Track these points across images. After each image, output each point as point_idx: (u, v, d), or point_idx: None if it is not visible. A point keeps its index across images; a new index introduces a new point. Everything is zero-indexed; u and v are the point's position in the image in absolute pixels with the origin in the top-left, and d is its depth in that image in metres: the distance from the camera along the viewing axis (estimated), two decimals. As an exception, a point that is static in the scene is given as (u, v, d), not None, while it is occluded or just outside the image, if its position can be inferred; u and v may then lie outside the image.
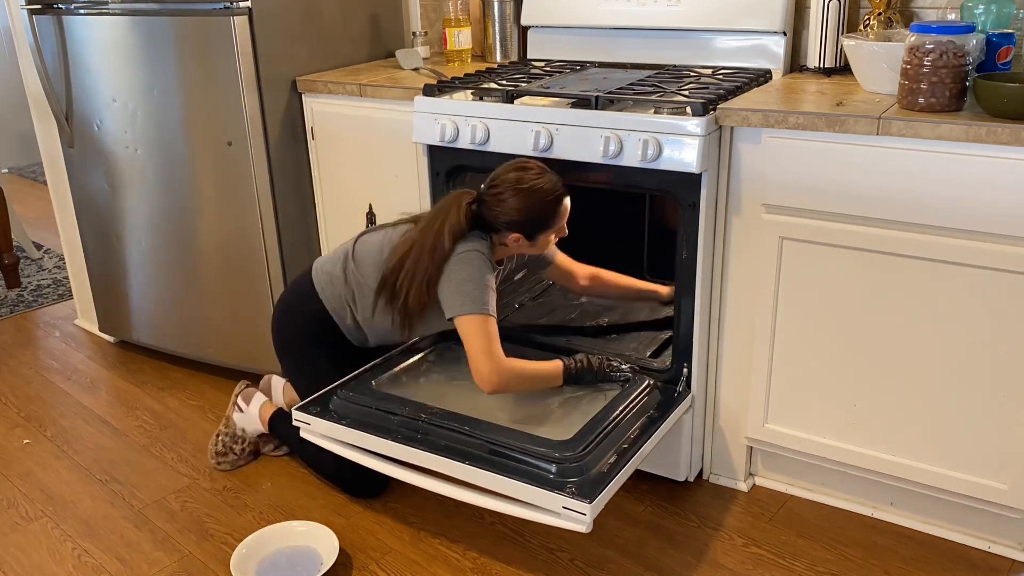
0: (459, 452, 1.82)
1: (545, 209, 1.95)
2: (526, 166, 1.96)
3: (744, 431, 2.12)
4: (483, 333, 1.90)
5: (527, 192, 1.92)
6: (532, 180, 1.93)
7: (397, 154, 2.37)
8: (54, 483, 2.32)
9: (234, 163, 2.47)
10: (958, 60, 1.71)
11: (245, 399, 2.35)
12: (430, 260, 1.95)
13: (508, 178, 1.94)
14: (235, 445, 2.33)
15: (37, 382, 2.86)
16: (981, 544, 1.95)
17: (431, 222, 1.98)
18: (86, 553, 2.05)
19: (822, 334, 1.93)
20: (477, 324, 1.91)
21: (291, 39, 2.48)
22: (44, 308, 3.46)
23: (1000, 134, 1.62)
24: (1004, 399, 1.78)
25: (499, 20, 2.64)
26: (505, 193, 1.93)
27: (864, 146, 1.77)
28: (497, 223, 1.96)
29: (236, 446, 2.33)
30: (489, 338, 1.90)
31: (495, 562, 1.96)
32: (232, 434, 2.33)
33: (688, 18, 2.31)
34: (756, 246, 1.96)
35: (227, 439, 2.33)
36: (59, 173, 2.95)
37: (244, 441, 2.33)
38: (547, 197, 1.94)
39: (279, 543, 1.99)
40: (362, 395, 2.02)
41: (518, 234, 1.97)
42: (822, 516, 2.08)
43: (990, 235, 1.70)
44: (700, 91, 2.00)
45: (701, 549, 1.99)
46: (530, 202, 1.93)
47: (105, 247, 2.87)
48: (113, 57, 2.56)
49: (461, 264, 1.94)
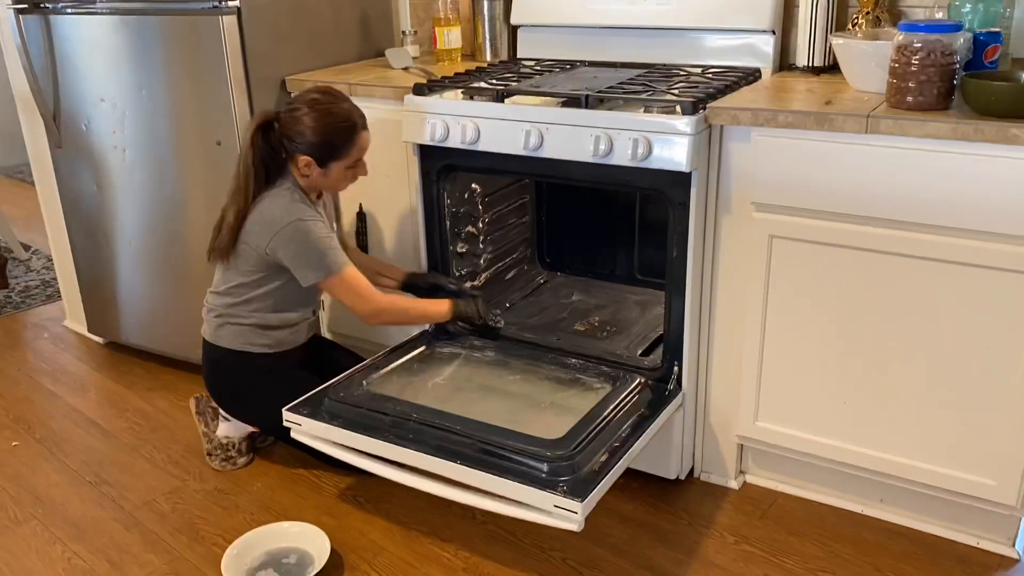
0: (450, 452, 1.82)
1: (339, 133, 1.99)
2: (329, 91, 2.02)
3: (735, 429, 2.12)
4: (344, 286, 2.02)
5: (322, 112, 1.97)
6: (329, 102, 1.99)
7: (387, 154, 2.36)
8: (43, 485, 2.30)
9: (223, 163, 2.46)
10: (946, 59, 1.72)
11: None
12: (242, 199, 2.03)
13: (306, 97, 2.01)
14: (230, 451, 2.32)
15: (26, 384, 2.84)
16: (970, 540, 1.97)
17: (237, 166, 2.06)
18: (76, 555, 2.04)
19: (812, 332, 1.94)
20: (331, 285, 2.03)
21: (280, 39, 2.48)
22: (32, 309, 3.45)
23: (987, 132, 1.63)
24: (992, 396, 1.79)
25: (489, 19, 2.63)
26: (301, 110, 1.98)
27: (853, 144, 1.77)
28: (291, 144, 2.01)
29: (231, 451, 2.32)
30: (353, 288, 2.02)
31: (487, 561, 1.96)
32: (219, 444, 2.32)
33: (678, 17, 2.32)
34: (746, 244, 1.96)
35: (219, 451, 2.32)
36: (47, 173, 2.94)
37: (235, 445, 2.33)
38: (342, 122, 1.99)
39: (270, 544, 1.98)
40: (353, 395, 2.02)
41: (309, 158, 2.00)
42: (813, 513, 2.09)
43: (978, 232, 1.70)
44: (690, 90, 2.00)
45: (692, 547, 2.00)
46: (324, 123, 1.97)
47: (94, 248, 2.86)
48: (101, 57, 2.54)
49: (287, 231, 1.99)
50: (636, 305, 2.52)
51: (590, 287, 2.66)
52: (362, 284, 2.04)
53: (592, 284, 2.67)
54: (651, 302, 2.51)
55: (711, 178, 1.96)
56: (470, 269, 2.48)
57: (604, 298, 2.58)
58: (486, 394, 2.06)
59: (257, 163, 2.03)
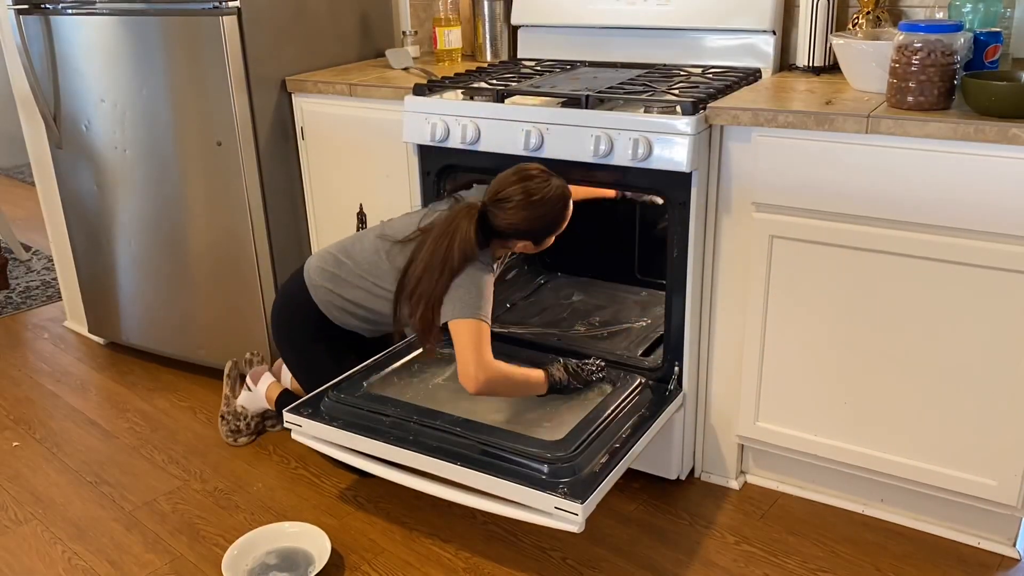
0: (451, 453, 1.82)
1: (556, 216, 1.96)
2: (530, 174, 1.94)
3: (735, 429, 2.12)
4: (474, 335, 1.90)
5: (537, 203, 1.92)
6: (541, 191, 1.92)
7: (387, 154, 2.36)
8: (44, 485, 2.30)
9: (224, 163, 2.46)
10: (946, 59, 1.72)
11: (253, 379, 2.43)
12: (439, 277, 1.93)
13: (515, 191, 1.92)
14: (239, 422, 2.42)
15: (26, 384, 2.84)
16: (971, 540, 1.96)
17: (440, 240, 1.94)
18: (76, 556, 2.04)
19: (812, 332, 1.94)
20: (470, 328, 1.90)
21: (280, 39, 2.48)
22: (33, 310, 3.45)
23: (988, 132, 1.63)
24: (993, 396, 1.78)
25: (489, 19, 2.63)
26: (515, 206, 1.92)
27: (853, 144, 1.77)
28: (506, 233, 1.96)
29: (240, 423, 2.42)
30: (479, 340, 1.90)
31: (487, 562, 1.96)
32: (234, 411, 2.42)
33: (678, 17, 2.32)
34: (746, 244, 1.96)
35: (231, 417, 2.42)
36: (47, 174, 2.94)
37: (247, 417, 2.42)
38: (556, 204, 1.94)
39: (270, 544, 1.98)
40: (353, 396, 2.01)
41: (527, 241, 1.99)
42: (813, 513, 2.09)
43: (979, 233, 1.70)
44: (690, 90, 2.00)
45: (693, 547, 2.00)
46: (540, 212, 1.93)
47: (94, 248, 2.86)
48: (101, 57, 2.54)
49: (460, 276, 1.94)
50: (636, 305, 2.52)
51: (590, 287, 2.65)
52: (487, 345, 1.92)
53: (592, 284, 2.67)
54: (651, 302, 2.51)
55: (711, 178, 1.96)
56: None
57: (604, 298, 2.58)
58: (486, 395, 2.05)
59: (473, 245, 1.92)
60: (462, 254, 1.92)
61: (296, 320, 2.18)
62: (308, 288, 2.12)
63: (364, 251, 2.10)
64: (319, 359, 2.17)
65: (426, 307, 1.95)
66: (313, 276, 2.13)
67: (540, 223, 1.95)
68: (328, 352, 2.17)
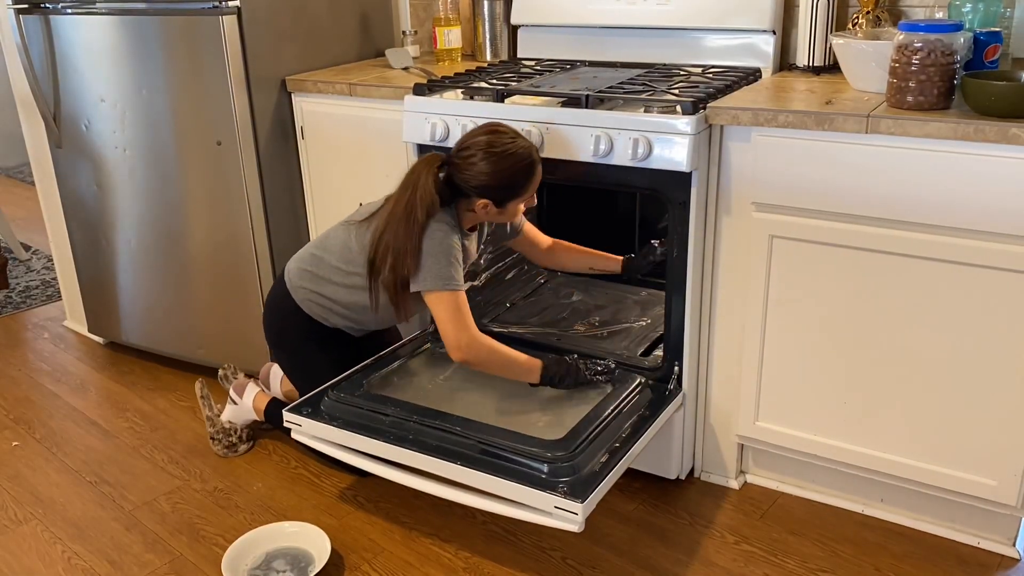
0: (450, 452, 1.82)
1: (516, 175, 1.91)
2: (498, 129, 1.92)
3: (735, 429, 2.12)
4: (451, 306, 1.91)
5: (499, 156, 1.87)
6: (504, 144, 1.89)
7: (387, 153, 2.36)
8: (43, 485, 2.30)
9: (223, 163, 2.46)
10: (946, 58, 1.72)
11: (238, 392, 2.40)
12: (406, 232, 1.91)
13: (479, 141, 1.89)
14: (230, 437, 2.39)
15: (26, 384, 2.84)
16: (971, 540, 1.96)
17: (402, 193, 1.94)
18: (76, 555, 2.04)
19: (812, 332, 1.94)
20: (443, 299, 1.91)
21: (280, 38, 2.48)
22: (33, 310, 3.45)
23: (988, 132, 1.63)
24: (992, 395, 1.78)
25: (489, 19, 2.63)
26: (475, 157, 1.88)
27: (853, 144, 1.77)
28: (466, 187, 1.92)
29: (232, 437, 2.39)
30: (457, 309, 1.91)
31: (487, 561, 1.96)
32: (222, 429, 2.39)
33: (678, 17, 2.32)
34: (746, 244, 1.96)
35: (222, 436, 2.39)
36: (47, 174, 2.94)
37: (237, 431, 2.39)
38: (519, 163, 1.89)
39: (270, 544, 1.98)
40: (353, 396, 2.01)
41: (487, 200, 1.92)
42: (813, 513, 2.09)
43: (978, 232, 1.70)
44: (690, 90, 2.00)
45: (693, 547, 2.00)
46: (501, 167, 1.88)
47: (94, 248, 2.86)
48: (101, 57, 2.54)
49: (426, 239, 1.92)
50: (636, 305, 2.52)
51: (590, 287, 2.65)
52: (466, 312, 1.92)
53: (592, 284, 2.67)
54: (651, 302, 2.51)
55: (711, 178, 1.96)
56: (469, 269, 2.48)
57: (604, 298, 2.58)
58: (486, 395, 2.05)
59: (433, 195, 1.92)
60: (423, 206, 1.90)
61: (285, 324, 2.17)
62: (290, 292, 2.12)
63: (337, 239, 2.09)
64: (312, 361, 2.17)
65: (394, 259, 1.92)
66: (293, 279, 2.13)
67: (499, 179, 1.89)
68: (320, 353, 2.16)
